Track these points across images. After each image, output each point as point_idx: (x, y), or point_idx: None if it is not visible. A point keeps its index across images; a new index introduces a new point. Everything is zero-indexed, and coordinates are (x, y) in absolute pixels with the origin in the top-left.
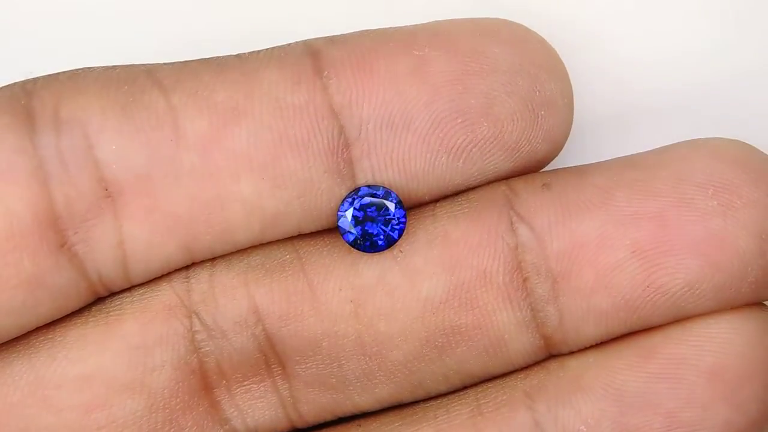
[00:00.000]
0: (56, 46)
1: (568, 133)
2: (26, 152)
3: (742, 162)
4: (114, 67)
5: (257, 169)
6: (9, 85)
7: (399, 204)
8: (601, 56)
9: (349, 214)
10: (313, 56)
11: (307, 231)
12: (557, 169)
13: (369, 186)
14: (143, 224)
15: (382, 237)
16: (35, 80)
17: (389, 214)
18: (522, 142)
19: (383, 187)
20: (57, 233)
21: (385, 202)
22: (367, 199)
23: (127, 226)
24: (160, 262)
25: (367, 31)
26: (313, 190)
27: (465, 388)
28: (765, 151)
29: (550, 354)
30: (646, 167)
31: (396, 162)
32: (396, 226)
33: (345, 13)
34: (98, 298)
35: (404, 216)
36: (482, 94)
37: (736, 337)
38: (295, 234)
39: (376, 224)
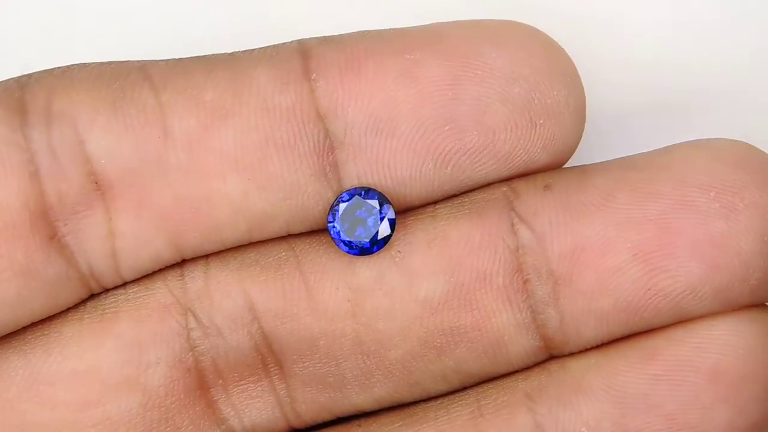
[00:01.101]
0: (53, 43)
1: (577, 142)
2: (18, 145)
3: (745, 163)
4: (108, 63)
5: (243, 170)
6: (3, 80)
7: (386, 203)
8: (604, 56)
9: (337, 221)
10: (303, 56)
11: (296, 232)
12: (558, 169)
13: (355, 188)
14: (132, 218)
15: (374, 240)
16: (29, 75)
17: (378, 216)
18: (517, 151)
19: (370, 189)
20: (47, 225)
21: (372, 203)
22: (353, 203)
23: (116, 219)
24: (150, 257)
25: (363, 32)
26: (300, 193)
27: (465, 388)
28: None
29: (551, 355)
30: (648, 168)
31: (381, 167)
32: (386, 227)
33: (349, 12)
34: (93, 295)
35: (393, 217)
36: (474, 100)
37: (737, 339)
38: (284, 234)
39: (365, 228)
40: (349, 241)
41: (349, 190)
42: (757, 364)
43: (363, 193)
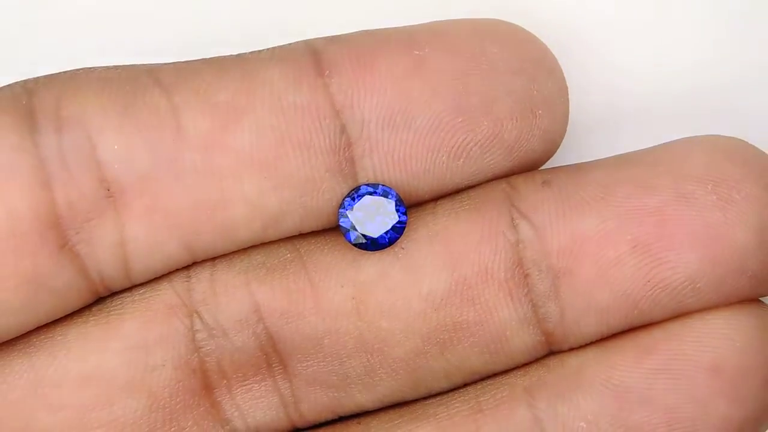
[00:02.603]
0: (58, 46)
1: (564, 132)
2: (28, 152)
3: (740, 157)
4: (115, 67)
5: (259, 169)
6: (10, 84)
7: (399, 202)
8: (597, 56)
9: (349, 213)
10: (314, 55)
11: (309, 230)
12: (557, 166)
13: (369, 184)
14: (145, 224)
15: (383, 235)
16: (36, 79)
17: (389, 213)
18: (521, 140)
19: (383, 185)
20: (58, 233)
21: (385, 200)
22: (367, 198)
23: (129, 225)
24: (162, 261)
25: (367, 30)
26: (315, 189)
27: (465, 385)
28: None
29: (551, 350)
30: (645, 163)
31: (397, 161)
32: (396, 224)
33: (345, 12)
34: (99, 298)
35: (404, 213)
36: (482, 93)
37: (735, 333)
38: (297, 233)
39: (376, 223)
40: (357, 235)
41: (367, 184)
42: (755, 359)
43: (381, 191)
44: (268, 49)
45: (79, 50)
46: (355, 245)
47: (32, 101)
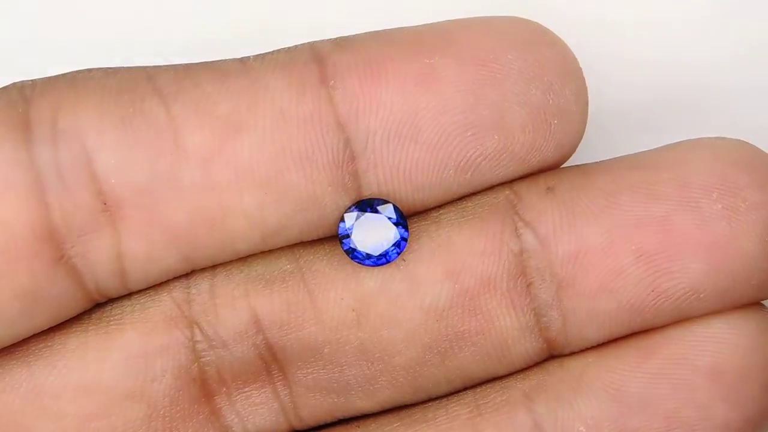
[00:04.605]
0: (56, 45)
1: (581, 139)
2: (23, 164)
3: (746, 163)
4: (114, 71)
5: (260, 183)
6: (5, 88)
7: (401, 217)
8: (606, 54)
9: (350, 229)
10: (319, 63)
11: (309, 240)
12: (560, 169)
13: (370, 199)
14: (142, 238)
15: (384, 251)
16: (33, 85)
17: (391, 229)
18: (533, 152)
19: (385, 201)
20: (54, 246)
21: (387, 216)
22: (369, 214)
23: (126, 239)
24: (160, 274)
25: (375, 33)
26: (317, 204)
27: (465, 389)
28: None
29: (551, 355)
30: (650, 168)
31: (402, 174)
32: (399, 241)
33: (353, 7)
34: (98, 305)
35: (406, 229)
36: (494, 104)
37: (735, 337)
38: (297, 242)
39: (377, 239)
40: (360, 252)
41: (369, 198)
42: (754, 363)
43: (378, 204)
44: (271, 53)
45: (79, 49)
46: (355, 261)
47: (28, 111)
